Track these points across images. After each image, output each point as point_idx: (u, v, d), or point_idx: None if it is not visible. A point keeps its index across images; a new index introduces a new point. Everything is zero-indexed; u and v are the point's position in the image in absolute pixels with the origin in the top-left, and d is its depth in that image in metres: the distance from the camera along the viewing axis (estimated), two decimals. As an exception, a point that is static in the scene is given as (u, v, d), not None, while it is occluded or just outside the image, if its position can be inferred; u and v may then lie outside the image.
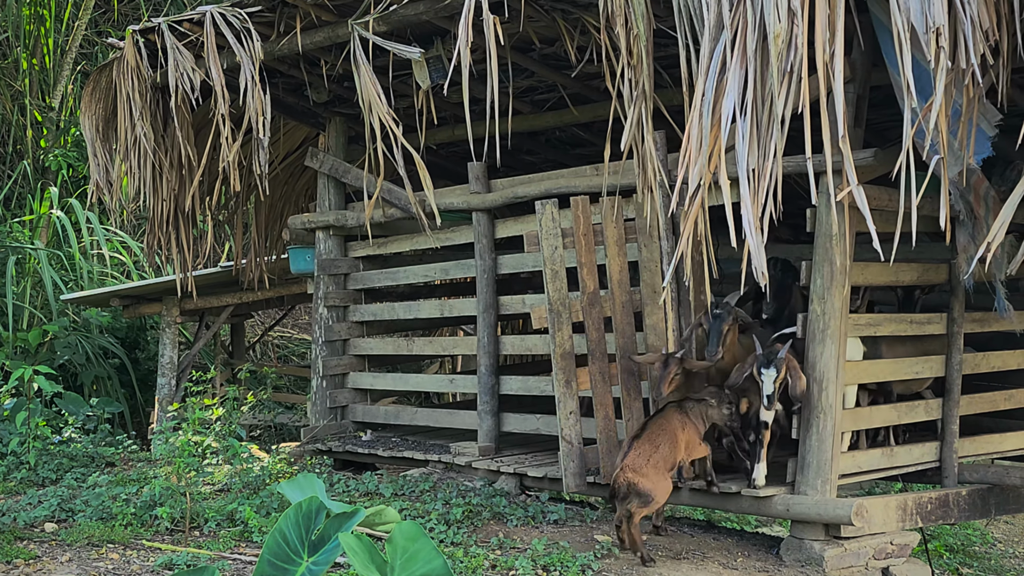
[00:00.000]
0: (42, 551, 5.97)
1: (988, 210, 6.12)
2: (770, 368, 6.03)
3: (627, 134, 5.61)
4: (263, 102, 7.20)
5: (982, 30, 4.64)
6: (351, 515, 3.82)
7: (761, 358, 6.10)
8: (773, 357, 6.05)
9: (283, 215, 10.54)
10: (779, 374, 6.01)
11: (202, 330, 11.83)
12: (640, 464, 5.98)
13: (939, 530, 10.53)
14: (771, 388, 6.00)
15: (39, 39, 14.88)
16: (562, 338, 7.03)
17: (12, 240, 12.51)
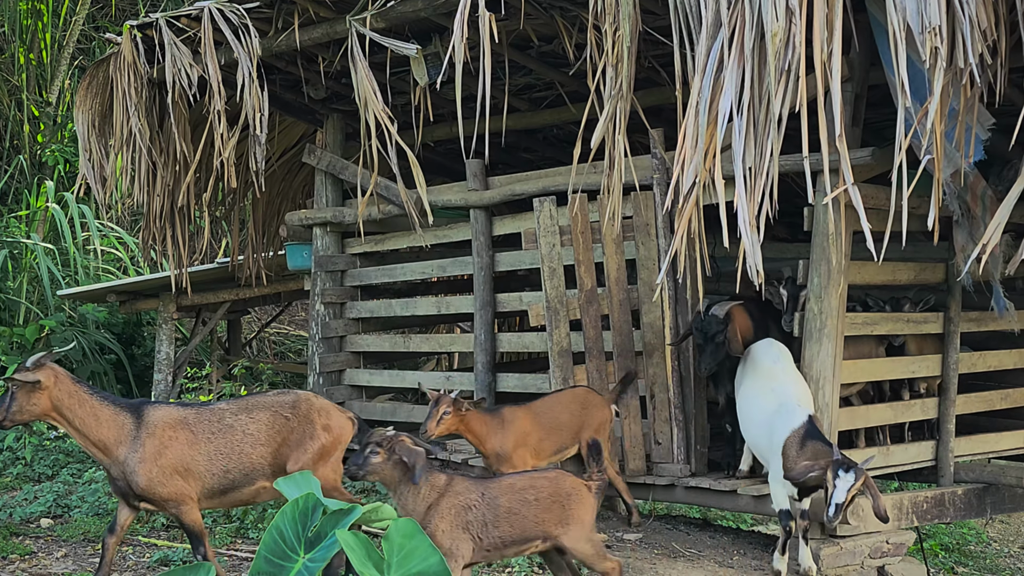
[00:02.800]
0: (38, 547, 5.97)
1: (985, 209, 6.12)
2: (849, 474, 5.30)
3: (598, 132, 5.59)
4: (260, 98, 7.19)
5: (980, 29, 4.64)
6: (347, 512, 3.82)
7: (838, 463, 5.36)
8: (852, 465, 5.33)
9: (280, 211, 10.52)
10: (856, 483, 5.29)
11: (199, 326, 11.81)
12: None
13: (935, 529, 10.54)
14: (843, 498, 5.26)
15: (36, 34, 14.85)
16: (559, 336, 7.03)
17: (8, 235, 12.49)
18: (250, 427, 5.21)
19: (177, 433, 5.05)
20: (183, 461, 5.02)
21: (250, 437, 5.18)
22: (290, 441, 5.25)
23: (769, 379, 6.09)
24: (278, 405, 5.33)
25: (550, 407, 6.43)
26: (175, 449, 5.01)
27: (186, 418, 5.12)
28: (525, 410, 6.33)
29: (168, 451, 4.99)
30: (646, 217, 6.80)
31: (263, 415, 5.26)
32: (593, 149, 5.71)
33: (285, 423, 5.27)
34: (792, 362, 6.23)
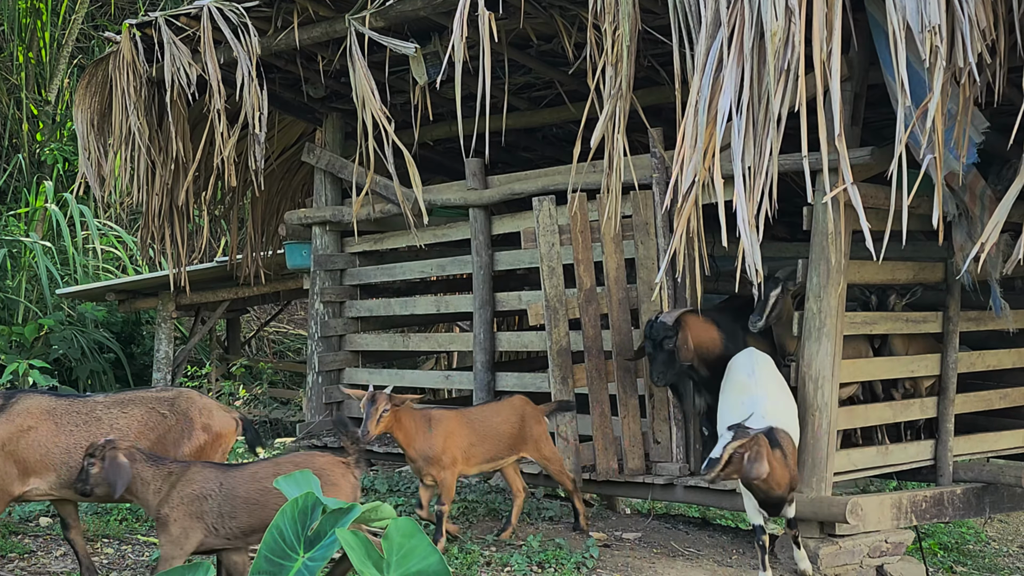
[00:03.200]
0: (37, 545, 5.97)
1: (984, 209, 6.13)
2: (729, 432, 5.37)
3: (598, 131, 5.60)
4: (259, 97, 7.19)
5: (980, 29, 4.65)
6: (347, 511, 3.82)
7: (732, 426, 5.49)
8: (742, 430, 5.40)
9: (279, 210, 10.52)
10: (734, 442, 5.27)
11: (198, 325, 11.83)
12: None
13: (933, 528, 10.54)
14: (719, 454, 5.26)
15: (35, 33, 14.86)
16: (558, 335, 7.03)
17: (7, 233, 12.49)
18: (120, 421, 5.06)
19: (38, 423, 4.94)
20: (36, 451, 4.89)
21: (117, 432, 4.99)
22: (166, 439, 5.09)
23: (741, 392, 6.00)
24: (155, 401, 5.19)
25: (485, 415, 6.26)
26: (30, 438, 4.90)
27: (54, 408, 5.01)
28: (457, 414, 6.15)
29: (22, 440, 4.88)
30: (645, 216, 6.80)
31: (137, 410, 5.12)
32: (593, 148, 5.71)
33: (161, 420, 5.12)
34: (772, 373, 6.11)
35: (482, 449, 6.13)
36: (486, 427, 6.17)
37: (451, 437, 5.96)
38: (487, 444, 6.15)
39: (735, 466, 5.27)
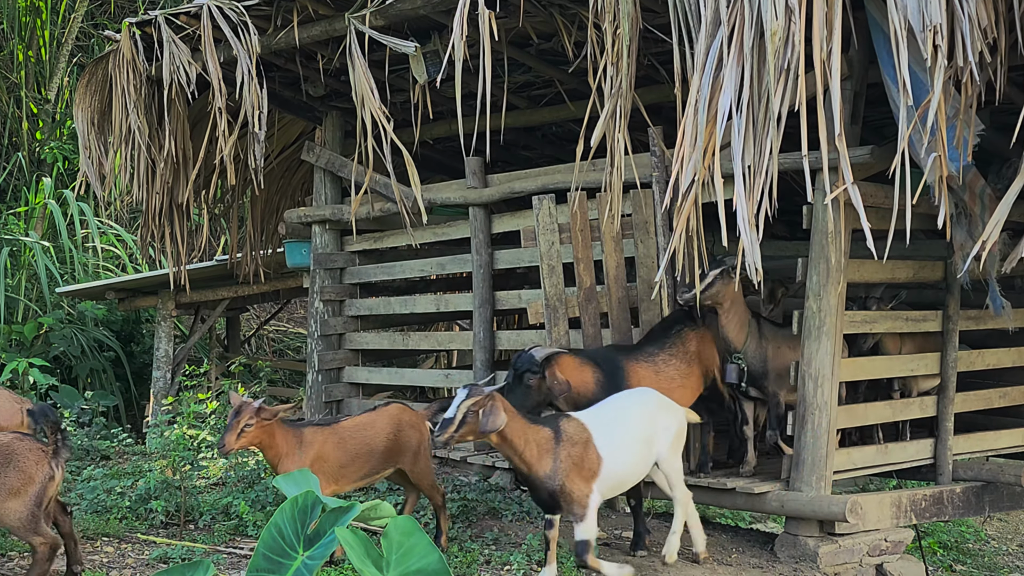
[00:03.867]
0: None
1: (984, 207, 6.12)
2: (464, 391, 5.17)
3: (599, 130, 5.60)
4: (259, 96, 7.19)
5: (980, 28, 4.65)
6: (347, 510, 3.83)
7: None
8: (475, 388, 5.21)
9: (279, 209, 10.52)
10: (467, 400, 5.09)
11: (197, 324, 11.82)
12: None
13: (933, 527, 10.55)
14: (452, 413, 5.07)
15: (35, 31, 14.85)
16: (558, 333, 7.03)
17: (7, 232, 12.49)
18: None
19: None
20: None
21: None
22: None
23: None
24: None
25: (359, 428, 5.86)
26: None
27: None
28: (329, 432, 5.74)
29: None
30: (645, 215, 6.80)
31: None
32: (593, 147, 5.71)
33: None
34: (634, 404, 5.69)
35: (354, 468, 5.78)
36: (359, 443, 5.80)
37: (321, 460, 5.61)
38: (359, 462, 5.79)
39: (470, 426, 5.06)
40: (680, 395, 6.28)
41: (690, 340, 6.55)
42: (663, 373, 6.38)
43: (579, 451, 5.29)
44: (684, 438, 5.86)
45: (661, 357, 6.43)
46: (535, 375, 6.04)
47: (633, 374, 6.28)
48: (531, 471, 5.25)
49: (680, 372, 6.46)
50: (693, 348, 6.54)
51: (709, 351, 6.65)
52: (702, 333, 6.60)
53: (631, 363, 6.35)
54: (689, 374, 6.51)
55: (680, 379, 6.44)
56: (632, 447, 5.52)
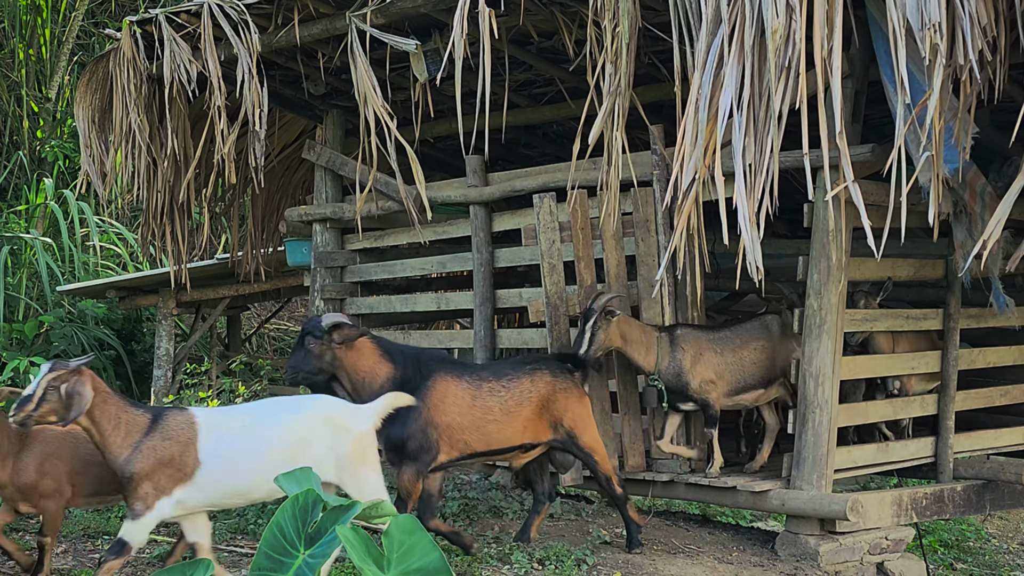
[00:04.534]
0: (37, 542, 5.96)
1: (985, 206, 6.12)
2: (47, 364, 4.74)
3: (596, 128, 5.59)
4: (260, 94, 7.18)
5: (980, 26, 4.64)
6: (348, 508, 3.82)
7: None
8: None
9: (280, 208, 10.52)
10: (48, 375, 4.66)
11: (198, 322, 11.82)
12: None
13: (934, 525, 10.55)
14: (32, 391, 4.63)
15: (36, 30, 14.85)
16: (559, 332, 7.03)
17: (7, 230, 12.49)
18: None
19: None
20: None
21: None
22: None
23: None
24: None
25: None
26: None
27: None
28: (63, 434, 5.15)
29: None
30: (646, 213, 6.80)
31: None
32: (591, 145, 5.71)
33: None
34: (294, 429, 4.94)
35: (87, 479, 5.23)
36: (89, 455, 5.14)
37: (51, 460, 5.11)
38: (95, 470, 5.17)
39: (51, 404, 4.60)
40: (495, 430, 5.88)
41: (542, 384, 6.02)
42: (481, 401, 5.88)
43: (172, 449, 4.73)
44: (367, 454, 4.99)
45: (490, 386, 5.95)
46: (317, 340, 5.81)
47: (439, 387, 5.82)
48: (107, 451, 4.73)
49: (505, 408, 5.91)
50: (542, 393, 6.00)
51: (566, 405, 6.06)
52: (567, 386, 6.10)
53: (444, 376, 5.88)
54: (516, 415, 5.93)
55: (501, 415, 5.90)
56: (256, 461, 4.79)
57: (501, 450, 6.02)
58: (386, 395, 5.23)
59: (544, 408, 6.00)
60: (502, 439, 5.93)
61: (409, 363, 5.90)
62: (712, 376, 6.55)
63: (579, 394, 6.16)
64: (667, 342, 6.53)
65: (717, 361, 6.58)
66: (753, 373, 6.75)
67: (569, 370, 6.17)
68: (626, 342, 6.43)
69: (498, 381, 5.98)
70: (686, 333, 6.60)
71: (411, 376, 5.83)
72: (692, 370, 6.51)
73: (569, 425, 6.05)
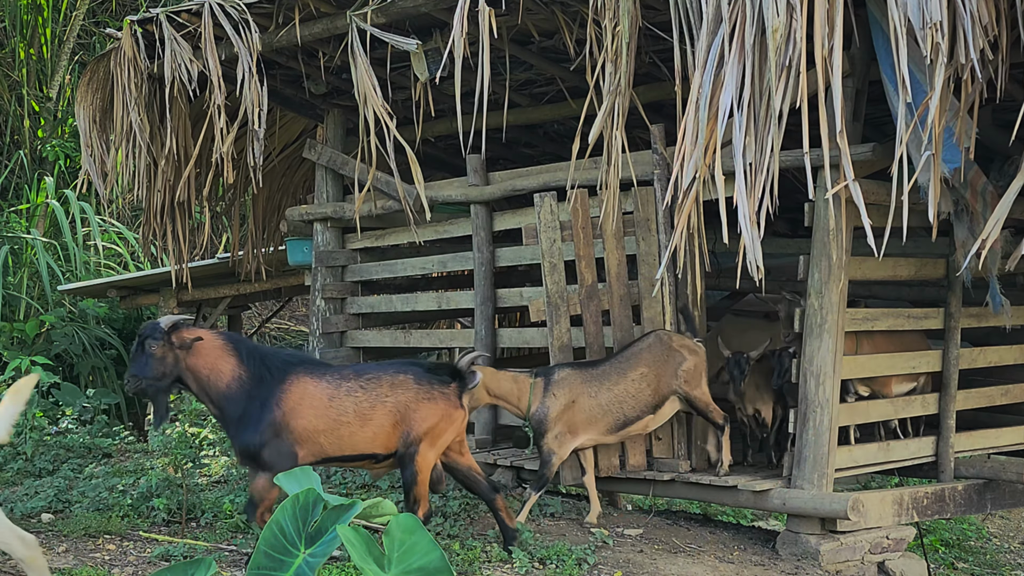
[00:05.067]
0: (39, 542, 5.96)
1: (986, 205, 6.12)
2: None
3: (596, 127, 5.59)
4: (260, 93, 7.18)
5: (982, 25, 4.64)
6: (348, 507, 3.82)
7: None
8: None
9: (281, 207, 10.52)
10: None
11: (199, 321, 11.83)
12: None
13: (935, 525, 10.55)
14: None
15: (36, 29, 14.85)
16: (560, 331, 7.03)
17: (8, 230, 12.50)
18: None
19: None
20: None
21: None
22: None
23: None
24: None
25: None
26: None
27: None
28: None
29: None
30: (647, 212, 6.80)
31: None
32: (591, 144, 5.71)
33: None
34: None
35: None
36: None
37: None
38: None
39: None
40: (347, 433, 5.54)
41: (402, 391, 5.63)
42: (337, 402, 5.54)
43: None
44: None
45: (349, 386, 5.61)
46: (157, 343, 5.48)
47: (295, 389, 5.50)
48: None
49: (359, 412, 5.56)
50: (399, 400, 5.61)
51: (425, 417, 5.61)
52: (432, 396, 5.65)
53: (300, 376, 5.55)
54: (369, 419, 5.57)
55: (355, 418, 5.54)
56: None
57: (353, 457, 5.65)
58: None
59: (401, 417, 5.59)
60: (354, 445, 5.58)
61: (261, 362, 5.55)
62: (565, 429, 6.41)
63: (446, 408, 5.66)
64: (541, 387, 6.43)
65: (591, 406, 6.42)
66: (634, 406, 6.51)
67: (442, 380, 5.71)
68: (495, 397, 6.33)
69: (357, 381, 5.63)
70: (563, 378, 6.48)
71: (263, 376, 5.51)
72: (555, 421, 6.39)
73: (418, 438, 5.58)
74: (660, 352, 6.56)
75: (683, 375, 6.54)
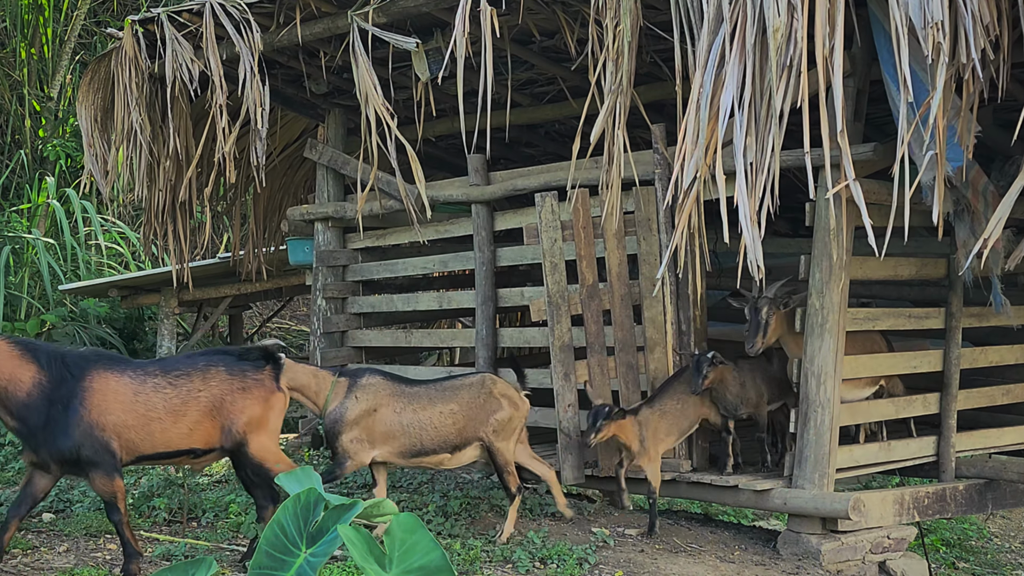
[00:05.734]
0: (40, 541, 5.97)
1: (987, 205, 6.13)
2: None
3: (597, 127, 5.59)
4: (261, 93, 7.19)
5: (983, 25, 4.64)
6: (349, 507, 3.82)
7: None
8: None
9: (282, 206, 10.52)
10: None
11: (200, 321, 11.84)
12: None
13: (936, 524, 10.55)
14: None
15: (38, 29, 14.86)
16: (561, 331, 7.03)
17: (10, 229, 12.50)
18: None
19: None
20: None
21: None
22: None
23: None
24: None
25: None
26: None
27: None
28: None
29: None
30: (648, 212, 6.80)
31: None
32: (592, 144, 5.71)
33: None
34: None
35: None
36: None
37: None
38: None
39: None
40: (159, 429, 5.38)
41: (215, 383, 5.50)
42: (144, 397, 5.36)
43: None
44: None
45: (156, 382, 5.43)
46: None
47: (97, 386, 5.29)
48: None
49: (170, 406, 5.40)
50: (214, 393, 5.48)
51: (243, 407, 5.51)
52: (246, 385, 5.55)
53: (101, 372, 5.34)
54: (182, 414, 5.42)
55: (165, 413, 5.38)
56: None
57: (168, 453, 5.47)
58: None
59: (216, 410, 5.46)
60: (167, 441, 5.40)
61: (58, 363, 5.27)
62: (364, 435, 6.10)
63: (262, 395, 5.55)
64: (344, 387, 6.14)
65: (392, 420, 6.15)
66: (434, 438, 6.22)
67: (256, 366, 5.60)
68: (291, 388, 5.92)
69: (165, 377, 5.45)
70: (371, 383, 6.21)
71: (63, 378, 5.26)
72: (351, 424, 6.09)
73: (242, 431, 5.48)
74: (478, 396, 6.32)
75: (494, 423, 6.27)
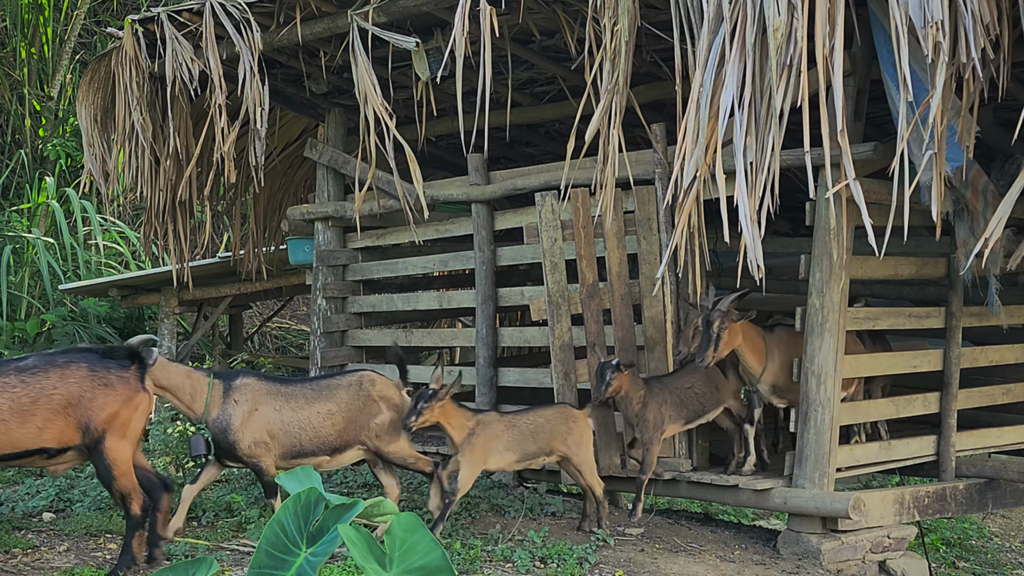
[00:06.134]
0: (40, 541, 5.98)
1: (987, 204, 6.12)
2: None
3: (592, 126, 5.59)
4: (261, 93, 7.19)
5: (983, 24, 4.64)
6: (350, 507, 3.82)
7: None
8: None
9: (282, 206, 10.52)
10: None
11: (200, 321, 11.84)
12: None
13: (936, 524, 10.55)
14: None
15: (38, 28, 14.86)
16: (561, 330, 7.03)
17: (10, 229, 12.50)
18: None
19: None
20: None
21: None
22: None
23: None
24: None
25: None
26: None
27: None
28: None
29: None
30: (648, 212, 6.80)
31: None
32: (587, 143, 5.71)
33: None
34: None
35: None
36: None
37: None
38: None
39: None
40: (2, 430, 5.17)
41: (73, 380, 5.32)
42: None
43: None
44: None
45: (4, 381, 5.22)
46: None
47: None
48: None
49: (17, 407, 5.20)
50: (71, 390, 5.30)
51: (104, 404, 5.34)
52: (108, 382, 5.36)
53: None
54: (32, 414, 5.22)
55: (11, 414, 5.18)
56: None
57: (17, 454, 5.27)
58: None
59: (73, 407, 5.28)
60: (12, 442, 5.20)
61: None
62: (266, 437, 5.96)
63: (125, 393, 5.40)
64: (220, 391, 5.95)
65: (273, 419, 5.99)
66: (312, 439, 6.08)
67: (120, 364, 5.45)
68: (161, 388, 5.80)
69: (18, 376, 5.26)
70: (245, 384, 6.03)
71: None
72: (242, 428, 5.93)
73: (100, 428, 5.31)
74: (356, 397, 6.20)
75: (375, 428, 6.16)
